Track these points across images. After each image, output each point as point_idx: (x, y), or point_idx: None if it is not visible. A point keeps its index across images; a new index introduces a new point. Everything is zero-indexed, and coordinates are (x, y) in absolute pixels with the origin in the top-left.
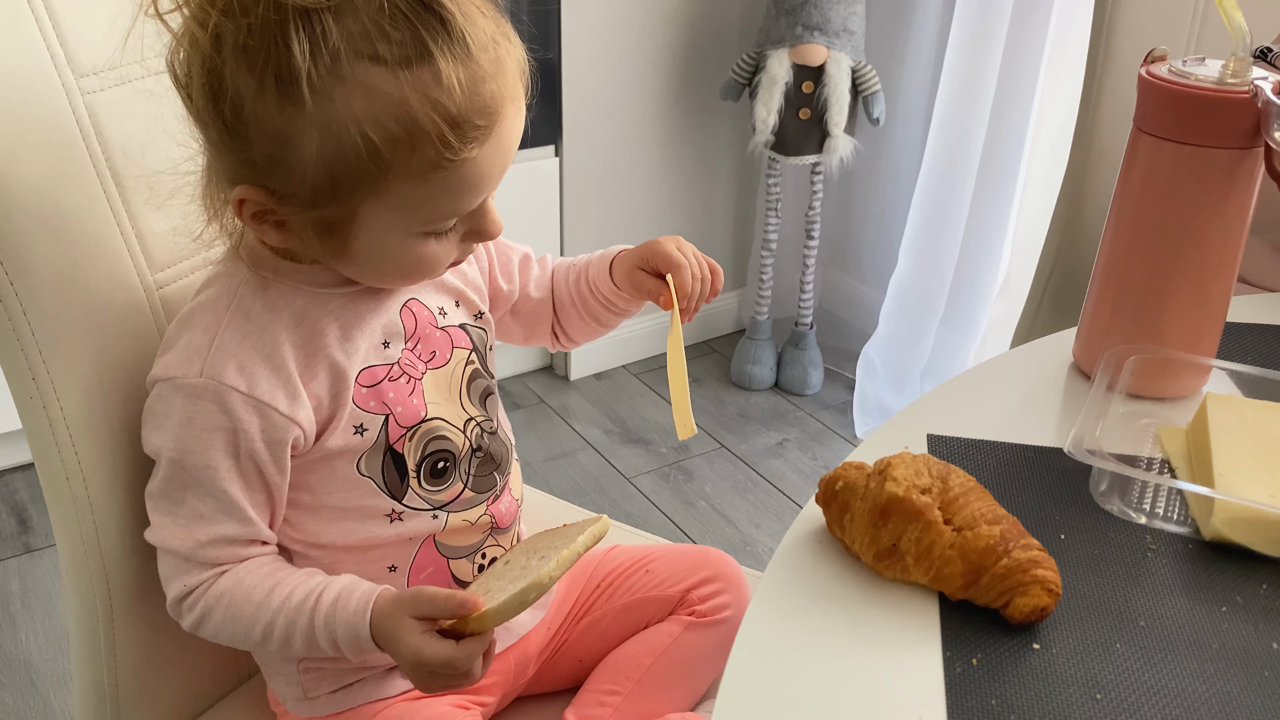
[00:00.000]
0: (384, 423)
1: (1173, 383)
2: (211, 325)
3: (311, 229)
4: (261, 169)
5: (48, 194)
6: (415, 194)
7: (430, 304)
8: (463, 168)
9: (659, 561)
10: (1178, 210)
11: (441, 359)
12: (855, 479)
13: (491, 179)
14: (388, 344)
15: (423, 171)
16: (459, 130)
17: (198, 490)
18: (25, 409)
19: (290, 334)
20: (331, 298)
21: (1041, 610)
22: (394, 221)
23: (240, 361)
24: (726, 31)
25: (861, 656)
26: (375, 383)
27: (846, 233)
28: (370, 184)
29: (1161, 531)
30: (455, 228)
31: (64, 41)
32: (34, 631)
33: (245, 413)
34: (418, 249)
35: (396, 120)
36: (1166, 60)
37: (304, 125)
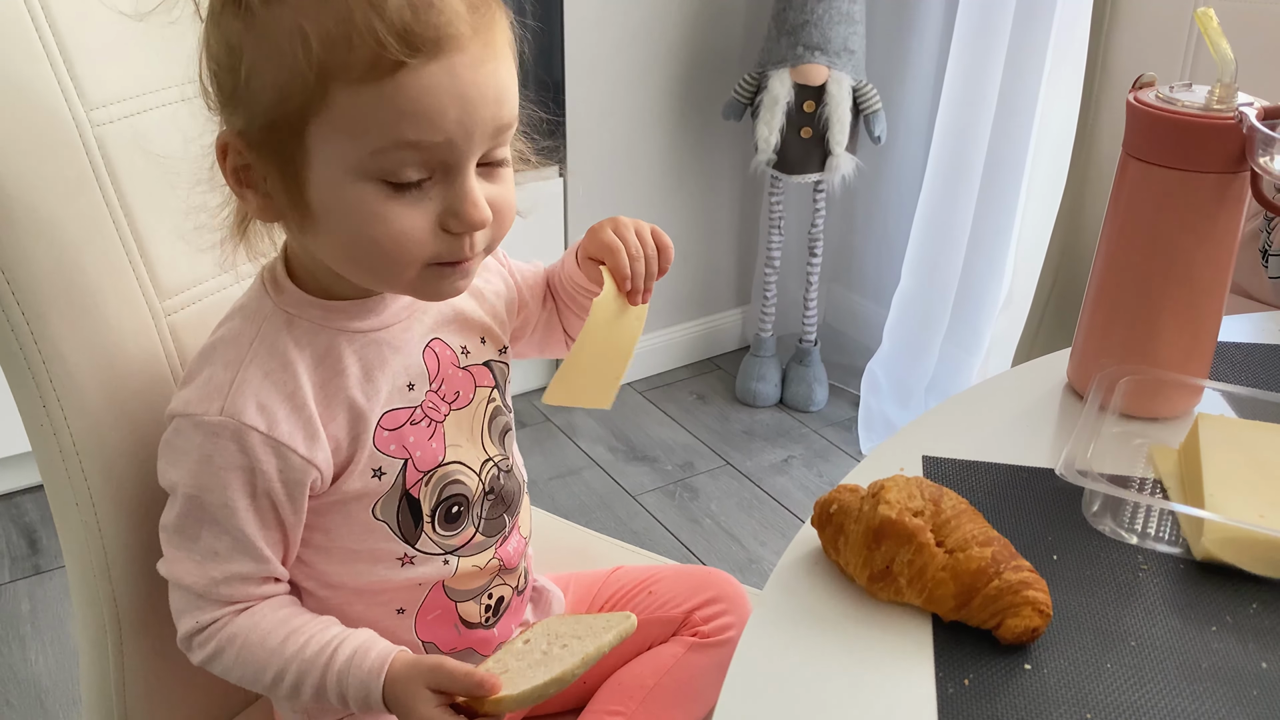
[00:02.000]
0: (402, 467)
1: (1165, 403)
2: (234, 362)
3: (277, 176)
4: (229, 103)
5: (59, 224)
6: (357, 107)
7: (453, 343)
8: (405, 80)
9: (662, 583)
10: (1166, 234)
11: (464, 399)
12: (849, 502)
13: (447, 112)
14: (412, 386)
15: (361, 75)
16: (399, 35)
17: (214, 528)
18: (36, 435)
19: (312, 373)
20: (354, 337)
21: (1032, 631)
22: (342, 150)
23: (261, 400)
24: (728, 52)
25: (856, 677)
26: (397, 426)
27: (850, 249)
28: (311, 93)
29: (1153, 552)
30: (428, 194)
31: (74, 75)
32: (43, 652)
33: (264, 453)
34: (380, 207)
35: (333, 18)
36: (1155, 86)
37: (250, 31)
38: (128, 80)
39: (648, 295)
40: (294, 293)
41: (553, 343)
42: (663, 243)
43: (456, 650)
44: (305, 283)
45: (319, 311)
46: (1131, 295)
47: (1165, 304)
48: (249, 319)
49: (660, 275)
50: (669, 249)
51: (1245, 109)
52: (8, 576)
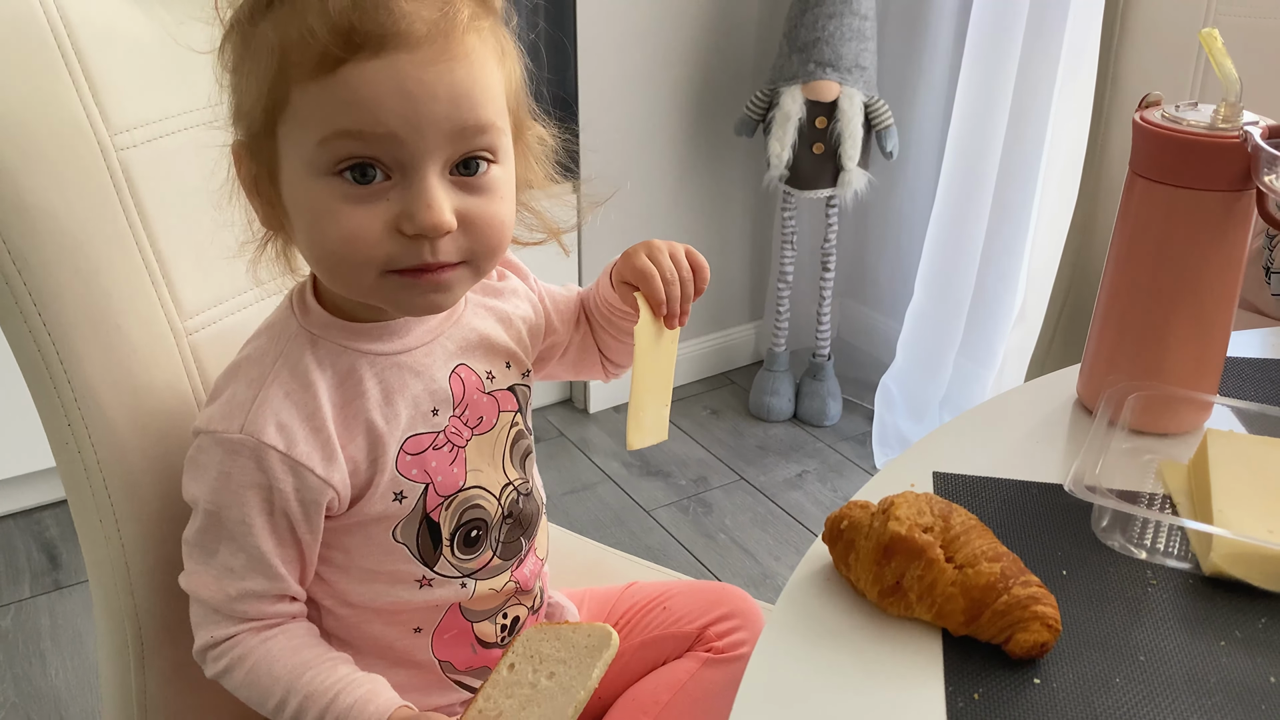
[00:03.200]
0: (423, 491)
1: (1174, 419)
2: (257, 380)
3: (267, 181)
4: (236, 114)
5: (83, 245)
6: (308, 103)
7: (479, 369)
8: (348, 74)
9: (676, 598)
10: (1174, 251)
11: (488, 424)
12: (860, 518)
13: (385, 101)
14: (436, 411)
15: (311, 73)
16: (342, 33)
17: (230, 544)
18: (60, 452)
19: (332, 394)
20: (376, 360)
21: (1041, 646)
22: (298, 145)
23: (281, 420)
24: (740, 69)
25: (866, 692)
26: (420, 451)
27: (862, 264)
28: (276, 94)
29: (1162, 567)
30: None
31: (99, 99)
32: (63, 667)
33: (281, 472)
34: (332, 204)
35: (294, 24)
36: (1160, 105)
37: (244, 51)
38: (151, 104)
39: (684, 318)
40: (319, 313)
41: (588, 366)
42: (697, 263)
43: (472, 668)
44: (330, 304)
45: (341, 333)
46: (1140, 312)
47: (1174, 320)
48: (274, 338)
49: (697, 296)
50: (704, 269)
51: (1250, 128)
52: (28, 592)
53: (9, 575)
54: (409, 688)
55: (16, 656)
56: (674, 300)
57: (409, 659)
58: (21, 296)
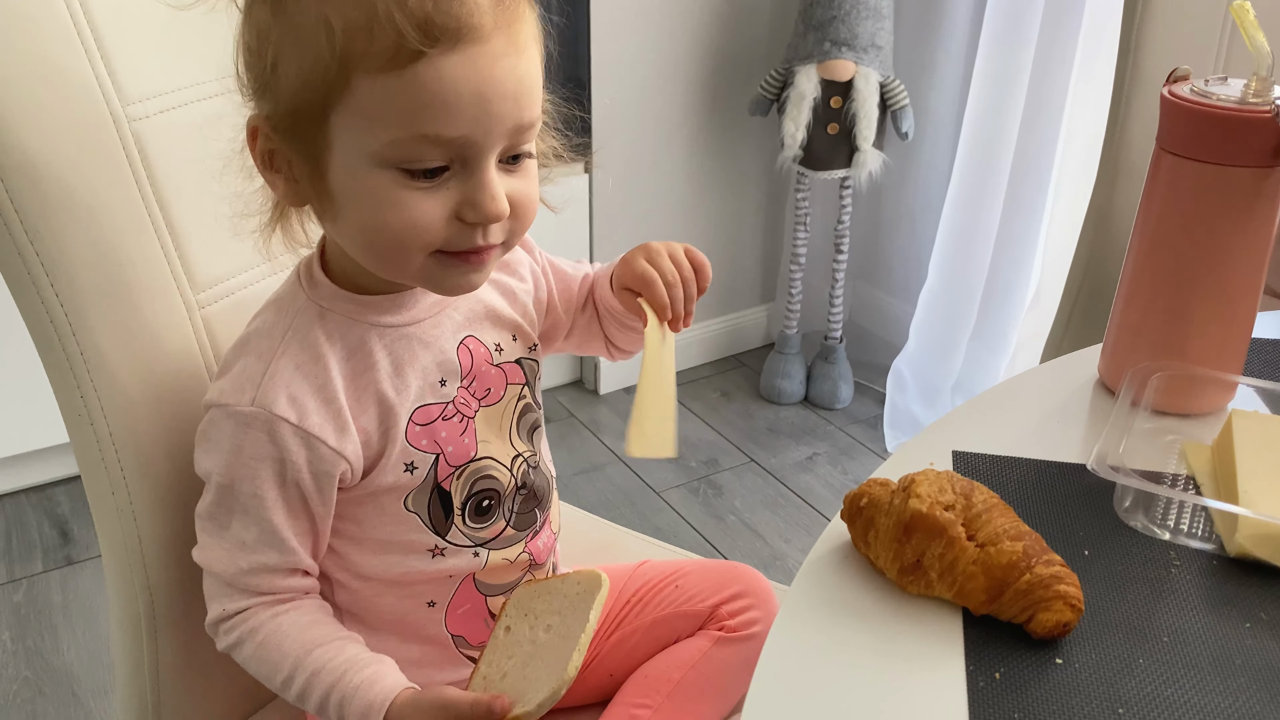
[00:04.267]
0: (434, 461)
1: (1198, 399)
2: (267, 353)
3: (301, 161)
4: (258, 90)
5: (97, 217)
6: (377, 96)
7: (487, 340)
8: (425, 72)
9: (688, 577)
10: (1201, 228)
11: (495, 396)
12: (880, 495)
13: (464, 105)
14: (444, 382)
15: (381, 64)
16: (419, 24)
17: (243, 517)
18: (73, 424)
19: (342, 366)
20: (385, 331)
21: (1064, 625)
22: (361, 137)
23: (292, 392)
24: (754, 48)
25: (885, 671)
26: (429, 421)
27: (876, 246)
28: (334, 81)
29: (1185, 548)
30: (446, 184)
31: (111, 70)
32: (75, 643)
33: (294, 444)
34: (394, 194)
35: (357, 7)
36: (1189, 80)
37: (279, 19)
38: (164, 74)
39: (689, 320)
40: (327, 286)
41: (593, 346)
42: (698, 262)
43: (485, 644)
44: (338, 277)
45: (350, 305)
46: (1165, 290)
47: (1199, 299)
48: (282, 311)
49: (700, 295)
50: (705, 267)
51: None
52: (40, 567)
53: (21, 550)
54: (422, 663)
55: (29, 631)
56: (677, 303)
57: (422, 634)
58: (34, 267)
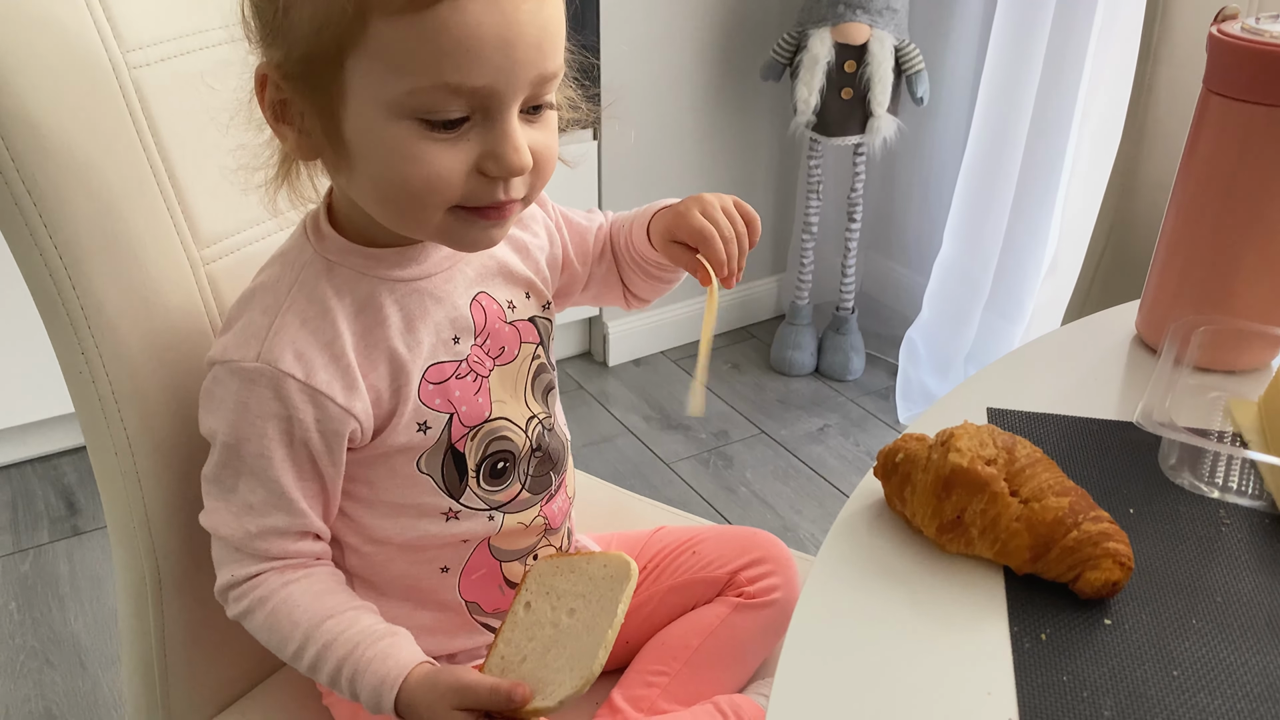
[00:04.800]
0: (448, 421)
1: (1243, 355)
2: (272, 307)
3: (314, 110)
4: (268, 35)
5: (97, 170)
6: (396, 41)
7: (500, 297)
8: (448, 14)
9: (706, 543)
10: (1249, 174)
11: (509, 355)
12: (917, 450)
13: (487, 52)
14: (458, 340)
15: (401, 6)
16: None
17: (250, 479)
18: (74, 384)
19: (351, 322)
20: (395, 286)
21: (1113, 585)
22: (379, 85)
23: (299, 348)
24: (767, 11)
25: (925, 632)
26: (443, 379)
27: (889, 215)
28: (350, 24)
29: (1235, 506)
30: (467, 135)
31: (111, 17)
32: (82, 613)
33: (301, 401)
34: (413, 146)
35: None
36: (1238, 19)
37: None
38: (165, 21)
39: (740, 275)
40: (335, 239)
41: (609, 296)
42: (749, 215)
43: (500, 610)
44: (347, 230)
45: (360, 259)
46: (1208, 241)
47: (1245, 249)
48: (288, 265)
49: (751, 248)
50: (756, 221)
51: None
52: (46, 538)
53: (28, 521)
54: (435, 630)
55: (36, 602)
56: (733, 259)
57: (435, 599)
58: (33, 220)
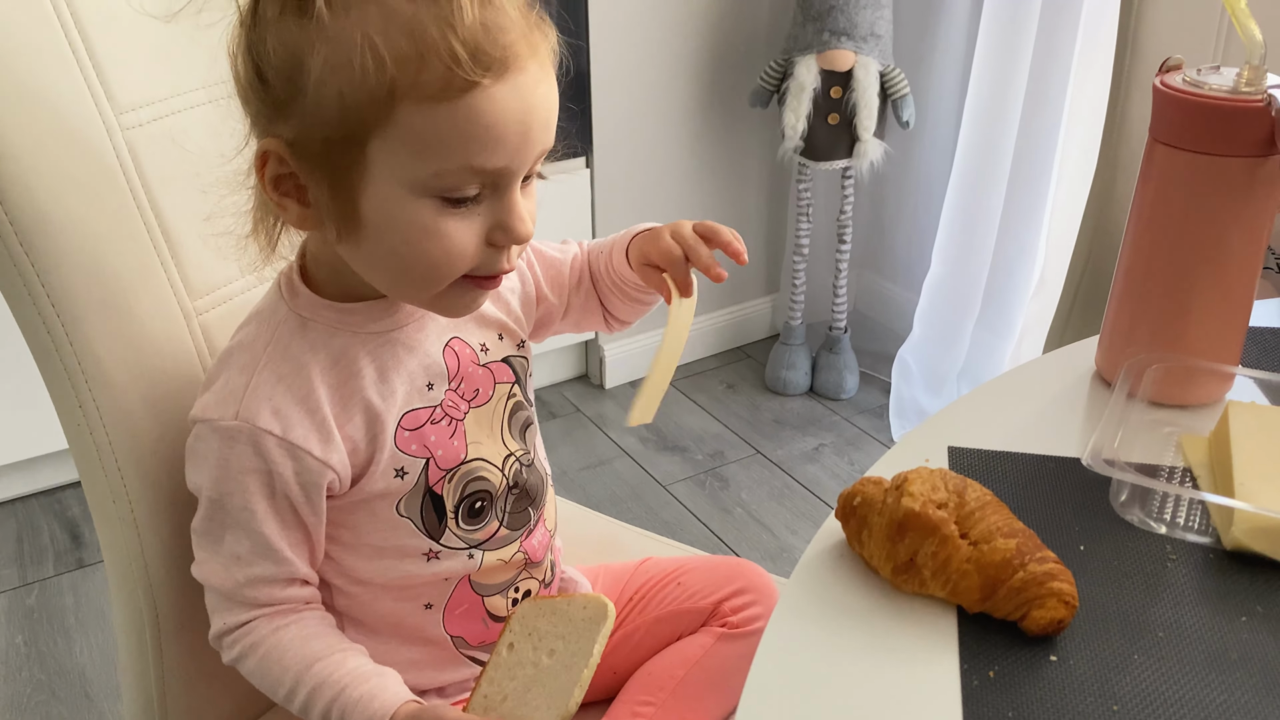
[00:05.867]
0: (424, 465)
1: (1195, 390)
2: (249, 366)
3: (326, 187)
4: (280, 111)
5: (90, 226)
6: (424, 126)
7: (473, 341)
8: (474, 99)
9: (691, 574)
10: (1195, 219)
11: (484, 396)
12: (873, 494)
13: (509, 136)
14: (431, 386)
15: (431, 94)
16: (471, 52)
17: (235, 531)
18: (72, 433)
19: (326, 375)
20: (369, 339)
21: (1058, 622)
22: (403, 166)
23: (275, 404)
24: (754, 39)
25: (880, 669)
26: (418, 425)
27: (879, 235)
28: (378, 108)
29: (1182, 541)
30: (477, 208)
31: (104, 79)
32: (88, 645)
33: (279, 456)
34: (432, 222)
35: (407, 35)
36: (1182, 69)
37: (316, 40)
38: (155, 83)
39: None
40: (308, 296)
41: (589, 322)
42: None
43: (485, 643)
44: (320, 286)
45: (333, 314)
46: (1160, 281)
47: (1195, 290)
48: (264, 323)
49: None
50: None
51: (1274, 91)
52: (52, 570)
53: (33, 554)
54: (422, 664)
55: (41, 634)
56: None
57: (421, 635)
58: (30, 278)
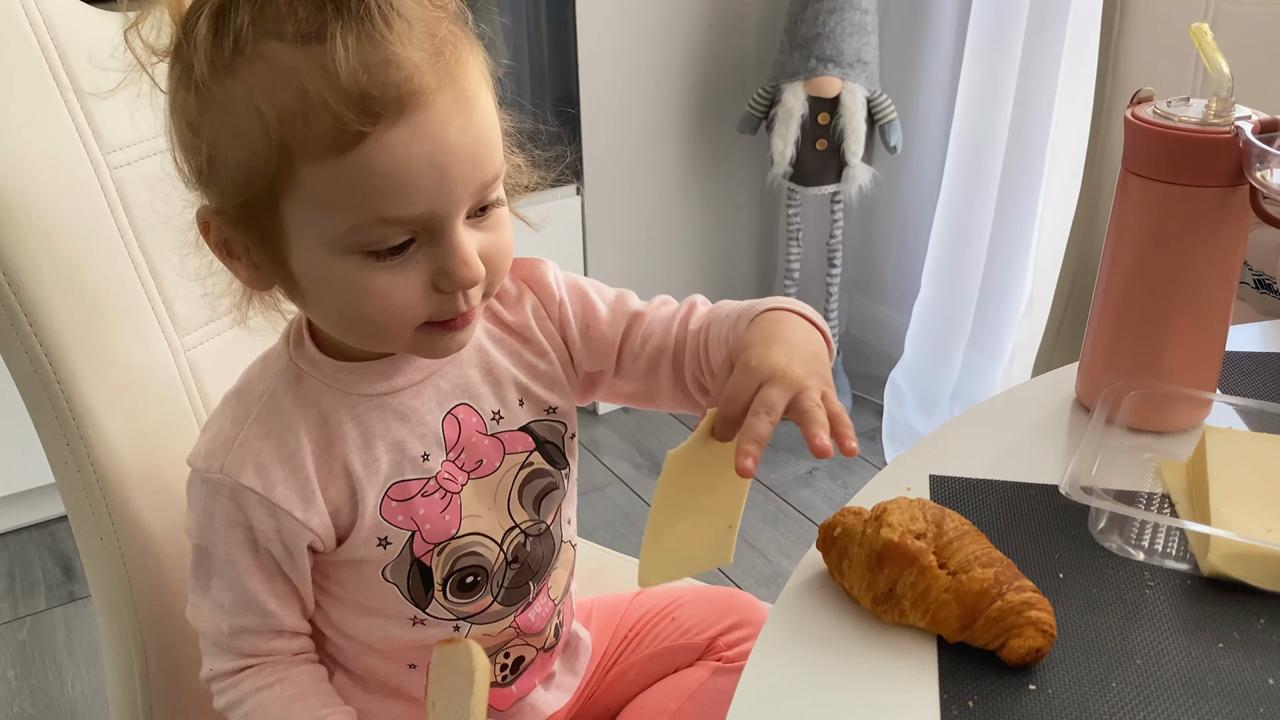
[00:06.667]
0: (409, 538)
1: (1172, 416)
2: (240, 418)
3: (261, 251)
4: (199, 182)
5: (79, 265)
6: (325, 184)
7: (484, 408)
8: (370, 153)
9: (685, 608)
10: (1169, 249)
11: (489, 467)
12: (853, 525)
13: (420, 180)
14: (427, 456)
15: (323, 151)
16: (357, 104)
17: (220, 581)
18: (60, 473)
19: (313, 434)
20: (359, 401)
21: (1036, 651)
22: (316, 226)
23: (260, 461)
24: (742, 66)
25: (860, 699)
26: (408, 497)
27: (869, 259)
28: (278, 171)
29: (1160, 568)
30: (415, 256)
31: (91, 118)
32: (79, 679)
33: (260, 513)
34: (364, 278)
35: (291, 90)
36: (1153, 101)
37: (206, 110)
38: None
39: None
40: (310, 350)
41: (683, 405)
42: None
43: None
44: (322, 340)
45: (330, 371)
46: (1136, 309)
47: (1170, 318)
48: (264, 372)
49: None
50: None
51: (1241, 123)
52: (44, 604)
53: (25, 587)
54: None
55: (33, 668)
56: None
57: (406, 693)
58: (16, 316)
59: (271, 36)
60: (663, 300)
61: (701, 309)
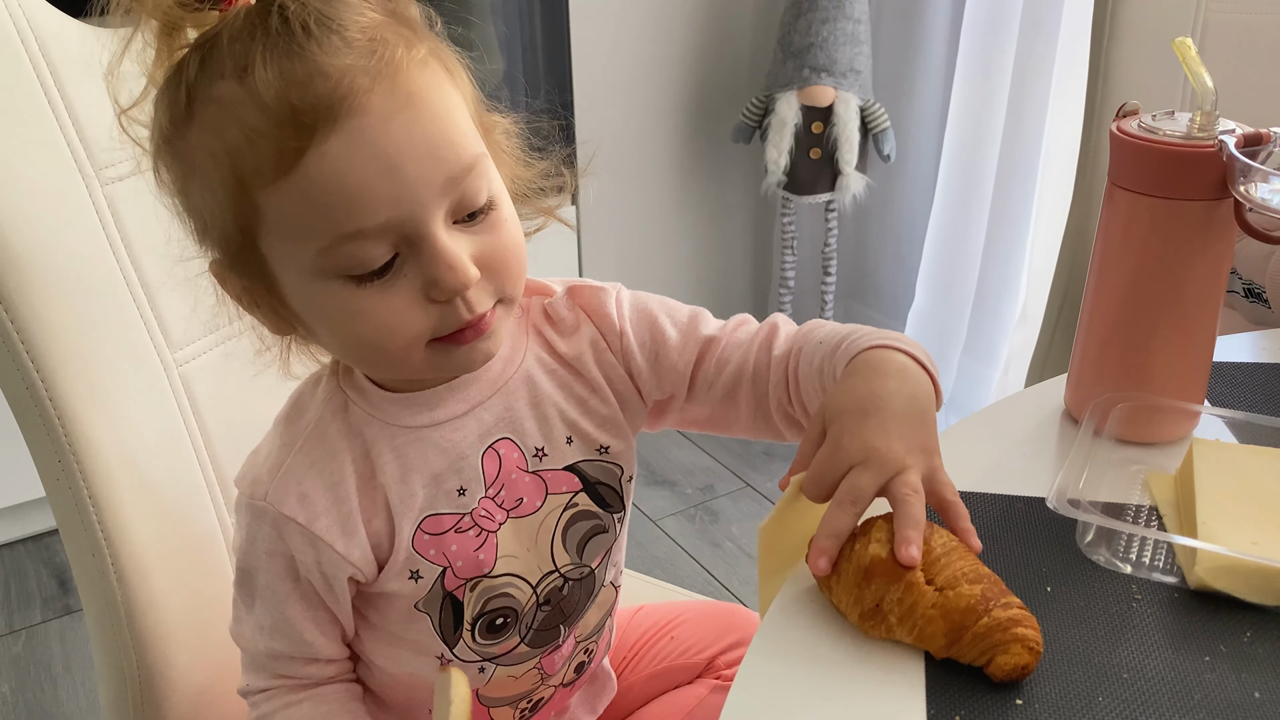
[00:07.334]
0: (440, 573)
1: (1160, 428)
2: (288, 444)
3: (264, 293)
4: (201, 236)
5: (70, 281)
6: (283, 209)
7: (526, 444)
8: (313, 166)
9: (685, 625)
10: (1156, 262)
11: (530, 506)
12: None
13: (373, 186)
14: (463, 490)
15: (271, 176)
16: (288, 121)
17: (261, 604)
18: (52, 489)
19: (358, 464)
20: (399, 433)
21: (1023, 668)
22: (291, 256)
23: (304, 490)
24: (735, 76)
25: (848, 714)
26: (441, 531)
27: (864, 267)
28: (243, 206)
29: (1147, 581)
30: (401, 270)
31: (82, 133)
32: (75, 693)
33: (301, 544)
34: (351, 303)
35: (233, 123)
36: (1138, 115)
37: (176, 162)
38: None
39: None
40: (358, 377)
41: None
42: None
43: None
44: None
45: (375, 400)
46: (1123, 322)
47: (1157, 330)
48: (314, 392)
49: (962, 534)
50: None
51: (1225, 137)
52: (39, 618)
53: (20, 600)
54: None
55: (29, 682)
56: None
57: None
58: (7, 332)
59: (216, 78)
60: (740, 320)
61: (785, 331)
